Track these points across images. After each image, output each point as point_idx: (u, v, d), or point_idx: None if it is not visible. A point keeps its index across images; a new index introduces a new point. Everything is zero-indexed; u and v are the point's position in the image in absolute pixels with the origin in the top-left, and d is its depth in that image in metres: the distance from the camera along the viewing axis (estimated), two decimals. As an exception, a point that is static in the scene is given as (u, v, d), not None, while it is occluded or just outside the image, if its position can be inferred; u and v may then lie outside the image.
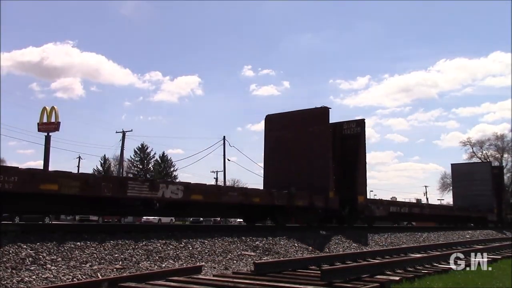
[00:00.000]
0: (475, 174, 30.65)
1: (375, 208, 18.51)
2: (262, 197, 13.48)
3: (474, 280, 6.81)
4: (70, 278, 6.63)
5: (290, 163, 16.58)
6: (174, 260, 8.74)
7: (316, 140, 16.07)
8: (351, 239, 14.15)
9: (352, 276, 6.49)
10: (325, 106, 16.49)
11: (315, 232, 14.25)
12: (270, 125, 17.75)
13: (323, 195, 15.13)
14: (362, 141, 17.91)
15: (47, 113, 31.12)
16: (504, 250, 11.86)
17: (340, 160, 17.54)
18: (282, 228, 13.84)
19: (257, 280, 6.34)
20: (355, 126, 18.09)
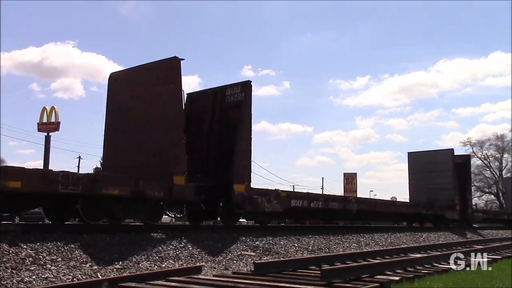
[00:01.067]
0: (436, 164, 25.34)
1: (264, 201, 13.31)
2: (29, 180, 8.61)
3: (474, 280, 6.81)
4: (70, 278, 6.63)
5: (130, 138, 12.14)
6: (174, 260, 8.75)
7: (162, 105, 11.56)
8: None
9: (352, 276, 6.49)
10: (176, 56, 11.61)
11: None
12: (114, 87, 12.95)
13: (164, 181, 10.79)
14: (245, 110, 13.09)
15: (47, 113, 31.14)
16: (504, 250, 11.86)
17: (223, 137, 13.60)
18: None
19: (257, 280, 6.34)
20: (239, 91, 13.46)
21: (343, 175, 52.77)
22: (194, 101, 14.59)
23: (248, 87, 13.42)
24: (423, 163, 26.04)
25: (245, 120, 13.12)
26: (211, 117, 13.96)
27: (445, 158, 25.26)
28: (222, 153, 13.34)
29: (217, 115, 13.95)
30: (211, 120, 13.95)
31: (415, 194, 26.02)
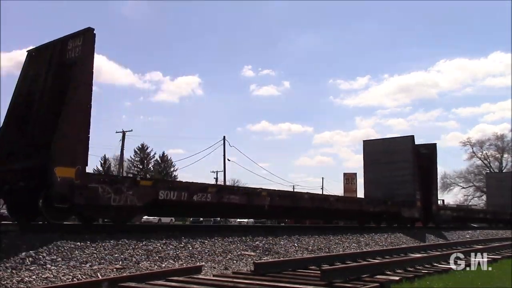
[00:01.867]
0: (395, 154, 21.56)
1: (109, 191, 9.67)
2: None
3: (474, 280, 6.81)
4: (70, 278, 6.63)
5: None
6: (174, 260, 8.75)
7: None
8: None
9: (352, 276, 6.49)
10: None
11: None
12: None
13: None
14: (82, 67, 9.96)
15: (47, 113, 31.12)
16: (504, 250, 11.86)
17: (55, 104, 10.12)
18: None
19: (257, 280, 6.34)
20: (80, 43, 10.11)
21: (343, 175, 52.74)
22: (32, 59, 11.56)
23: (88, 36, 10.20)
24: (379, 152, 22.29)
25: (80, 79, 9.98)
26: (45, 77, 10.82)
27: (403, 147, 21.43)
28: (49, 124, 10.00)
29: (51, 75, 10.69)
30: (44, 80, 10.81)
31: (370, 188, 22.49)
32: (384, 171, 21.77)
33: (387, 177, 21.50)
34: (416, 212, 20.69)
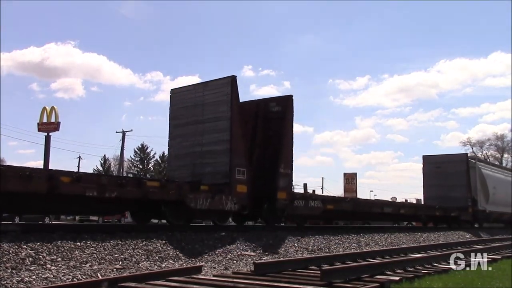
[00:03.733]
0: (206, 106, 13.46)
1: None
2: None
3: (474, 280, 6.81)
4: (70, 278, 6.63)
5: None
6: (174, 260, 8.75)
7: None
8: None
9: (352, 276, 6.49)
10: None
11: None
12: None
13: None
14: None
15: (47, 113, 31.16)
16: (504, 250, 11.86)
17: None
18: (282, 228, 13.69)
19: (257, 280, 6.34)
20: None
21: (343, 175, 52.74)
22: None
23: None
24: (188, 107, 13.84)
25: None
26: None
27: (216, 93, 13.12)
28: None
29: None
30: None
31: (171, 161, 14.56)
32: (190, 135, 13.56)
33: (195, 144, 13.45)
34: (226, 202, 11.92)
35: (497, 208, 27.27)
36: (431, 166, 26.19)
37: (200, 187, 11.45)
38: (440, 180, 25.26)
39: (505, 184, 28.76)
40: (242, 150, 12.66)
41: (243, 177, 12.42)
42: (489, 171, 28.16)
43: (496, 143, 59.74)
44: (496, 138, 59.94)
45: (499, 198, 27.34)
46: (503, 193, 27.65)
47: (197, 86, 13.80)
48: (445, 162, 25.74)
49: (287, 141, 14.08)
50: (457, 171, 24.83)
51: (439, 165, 25.82)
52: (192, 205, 11.11)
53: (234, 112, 12.50)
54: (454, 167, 25.08)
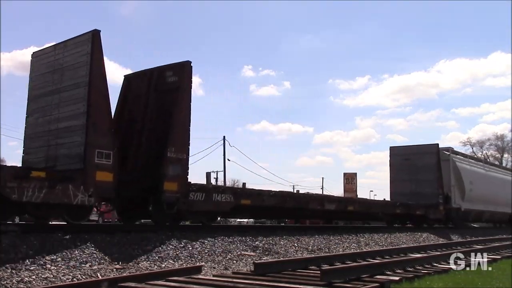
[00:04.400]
0: None
1: None
2: None
3: (474, 280, 6.81)
4: (70, 278, 6.63)
5: None
6: (174, 260, 8.75)
7: None
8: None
9: (352, 276, 6.49)
10: None
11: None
12: None
13: None
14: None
15: (47, 113, 31.15)
16: (504, 250, 11.86)
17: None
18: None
19: (257, 280, 6.34)
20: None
21: (343, 175, 52.73)
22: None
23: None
24: None
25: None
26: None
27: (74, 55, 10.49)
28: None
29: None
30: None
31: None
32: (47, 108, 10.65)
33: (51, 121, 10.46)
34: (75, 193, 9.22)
35: (475, 206, 24.50)
36: (399, 158, 23.13)
37: (30, 173, 8.74)
38: (409, 174, 22.35)
39: (485, 180, 25.95)
40: (106, 126, 9.85)
41: (107, 161, 9.65)
42: (466, 164, 25.32)
43: (496, 143, 59.75)
44: (496, 138, 59.94)
45: (478, 195, 24.47)
46: (482, 189, 24.80)
47: (57, 46, 10.79)
48: (414, 154, 22.56)
49: (181, 118, 11.34)
50: (427, 164, 21.84)
51: (408, 157, 22.60)
52: (14, 197, 8.31)
53: (95, 77, 9.70)
54: (424, 160, 22.05)
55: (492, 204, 26.27)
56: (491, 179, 27.29)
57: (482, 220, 28.01)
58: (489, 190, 25.71)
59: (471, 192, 23.84)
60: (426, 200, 21.09)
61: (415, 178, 22.20)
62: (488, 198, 25.63)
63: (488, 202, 25.80)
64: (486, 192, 25.39)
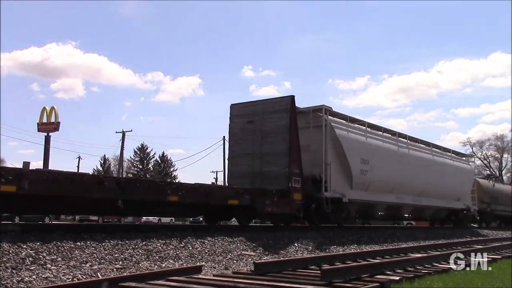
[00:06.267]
0: None
1: None
2: None
3: (474, 280, 6.81)
4: (70, 278, 6.63)
5: None
6: (174, 260, 8.75)
7: None
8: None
9: (352, 276, 6.49)
10: None
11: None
12: None
13: None
14: None
15: (47, 113, 31.15)
16: (504, 250, 11.86)
17: None
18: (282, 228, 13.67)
19: (257, 280, 6.33)
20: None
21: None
22: None
23: None
24: None
25: None
26: None
27: None
28: None
29: None
30: None
31: None
32: None
33: None
34: None
35: (373, 197, 17.14)
36: (241, 121, 15.17)
37: None
38: (252, 145, 14.69)
39: (396, 159, 18.53)
40: None
41: None
42: (355, 134, 16.92)
43: (496, 143, 59.78)
44: (496, 138, 59.99)
45: (380, 181, 17.29)
46: (389, 173, 17.78)
47: None
48: (260, 114, 14.64)
49: None
50: (277, 128, 14.16)
51: (253, 118, 14.79)
52: None
53: None
54: (273, 122, 14.34)
55: (410, 194, 19.48)
56: (410, 159, 19.83)
57: (386, 216, 20.56)
58: (405, 175, 18.74)
59: (364, 176, 16.52)
60: (276, 184, 13.67)
61: (259, 151, 14.44)
62: (405, 187, 18.91)
63: (403, 192, 18.86)
64: (399, 177, 18.42)
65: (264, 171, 14.26)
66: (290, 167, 13.80)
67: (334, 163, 15.48)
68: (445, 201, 22.58)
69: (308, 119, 15.55)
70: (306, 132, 15.19)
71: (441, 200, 22.17)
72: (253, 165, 14.62)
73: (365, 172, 16.62)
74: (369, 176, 16.73)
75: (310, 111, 15.79)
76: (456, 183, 23.33)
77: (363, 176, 16.57)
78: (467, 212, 24.71)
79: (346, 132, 16.42)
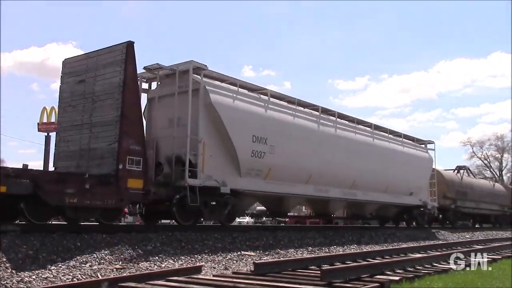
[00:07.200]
0: None
1: None
2: None
3: (474, 280, 6.82)
4: (70, 278, 6.63)
5: None
6: (174, 260, 8.75)
7: None
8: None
9: (352, 276, 6.49)
10: None
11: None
12: None
13: None
14: None
15: (47, 113, 31.10)
16: (504, 250, 11.86)
17: None
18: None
19: (257, 280, 6.34)
20: None
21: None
22: None
23: None
24: None
25: None
26: None
27: None
28: None
29: None
30: None
31: None
32: None
33: None
34: None
35: (278, 187, 13.23)
36: (72, 80, 11.17)
37: None
38: (83, 113, 10.71)
39: (305, 139, 14.12)
40: None
41: None
42: (246, 102, 12.74)
43: (496, 143, 59.68)
44: (496, 138, 59.82)
45: (288, 167, 13.37)
46: (299, 156, 13.76)
47: None
48: (94, 70, 10.79)
49: None
50: (109, 87, 10.39)
51: (85, 75, 10.91)
52: None
53: None
54: (105, 80, 10.53)
55: (338, 186, 15.59)
56: (339, 141, 15.64)
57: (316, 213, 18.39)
58: (328, 161, 14.80)
59: (261, 159, 12.54)
60: (104, 166, 10.01)
61: (88, 122, 10.59)
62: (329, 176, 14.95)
63: (326, 182, 14.96)
64: (319, 163, 14.46)
65: (92, 149, 10.36)
66: (121, 142, 9.81)
67: (211, 141, 11.65)
68: (392, 195, 18.38)
69: (177, 83, 11.56)
70: (173, 100, 11.56)
71: (386, 194, 18.06)
72: (82, 140, 10.58)
73: (261, 154, 12.50)
74: (268, 160, 12.67)
75: (177, 71, 11.62)
76: (407, 174, 19.01)
77: (258, 160, 12.44)
78: (424, 209, 20.75)
79: (231, 100, 12.22)
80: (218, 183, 11.52)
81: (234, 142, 11.97)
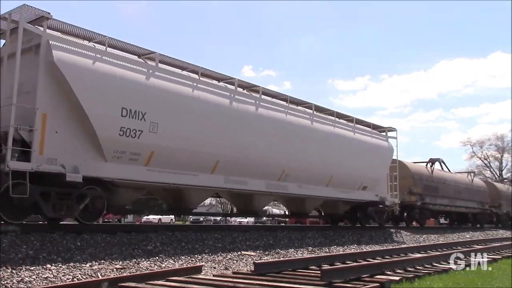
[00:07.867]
0: None
1: None
2: None
3: (474, 280, 6.82)
4: (70, 278, 6.63)
5: None
6: (174, 260, 8.75)
7: None
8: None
9: (352, 276, 6.50)
10: None
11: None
12: None
13: None
14: None
15: (47, 113, 31.13)
16: (504, 250, 11.86)
17: None
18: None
19: (257, 280, 6.34)
20: None
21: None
22: None
23: None
24: None
25: None
26: None
27: None
28: None
29: None
30: None
31: None
32: None
33: None
34: None
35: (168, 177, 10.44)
36: None
37: None
38: None
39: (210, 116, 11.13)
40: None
41: None
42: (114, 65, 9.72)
43: (496, 143, 59.66)
44: (496, 138, 59.82)
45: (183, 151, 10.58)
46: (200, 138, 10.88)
47: None
48: None
49: None
50: None
51: None
52: None
53: None
54: None
55: (261, 177, 12.71)
56: (263, 123, 12.74)
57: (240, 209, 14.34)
58: (247, 145, 12.07)
59: (138, 140, 9.78)
60: None
61: None
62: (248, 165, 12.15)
63: (244, 173, 12.14)
64: (232, 147, 11.70)
65: None
66: None
67: (57, 113, 8.92)
68: (338, 189, 15.47)
69: (19, 38, 8.56)
70: (15, 61, 8.44)
71: (330, 188, 15.19)
72: None
73: (135, 132, 9.73)
74: (148, 140, 9.92)
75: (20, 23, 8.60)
76: (359, 164, 16.11)
77: (131, 140, 9.68)
78: (382, 206, 17.86)
79: (91, 61, 9.35)
80: (64, 169, 8.68)
81: (90, 116, 9.09)
